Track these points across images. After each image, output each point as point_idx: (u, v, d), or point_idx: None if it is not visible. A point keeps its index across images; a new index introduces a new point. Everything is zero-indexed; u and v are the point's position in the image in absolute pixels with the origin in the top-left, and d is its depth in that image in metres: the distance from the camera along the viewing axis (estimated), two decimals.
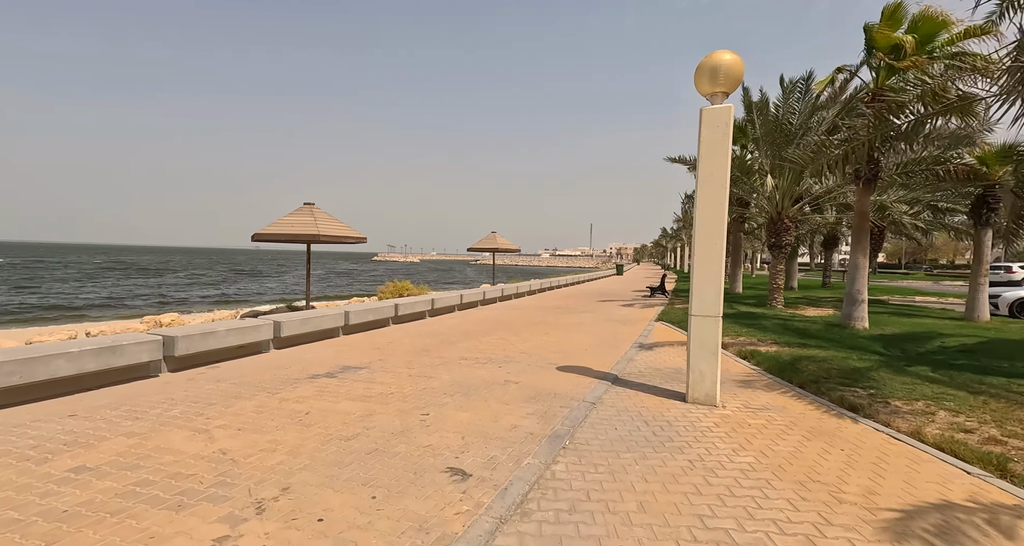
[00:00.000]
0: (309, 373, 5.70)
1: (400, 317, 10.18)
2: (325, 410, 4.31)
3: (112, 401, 4.45)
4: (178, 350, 5.59)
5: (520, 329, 9.43)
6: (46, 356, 4.39)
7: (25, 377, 4.25)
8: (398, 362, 6.38)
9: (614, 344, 7.94)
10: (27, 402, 4.34)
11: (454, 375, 5.68)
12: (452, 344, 7.71)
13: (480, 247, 24.62)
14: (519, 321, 10.61)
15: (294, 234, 11.35)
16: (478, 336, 8.55)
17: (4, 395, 4.22)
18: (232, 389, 4.93)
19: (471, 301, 13.45)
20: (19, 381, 4.21)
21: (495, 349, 7.34)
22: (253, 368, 5.90)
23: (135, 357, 5.14)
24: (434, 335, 8.59)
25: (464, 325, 9.93)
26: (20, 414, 4.04)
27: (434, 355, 6.86)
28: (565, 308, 13.66)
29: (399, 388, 5.10)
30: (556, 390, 5.10)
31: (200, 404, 4.40)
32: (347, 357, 6.64)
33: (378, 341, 7.95)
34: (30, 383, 4.31)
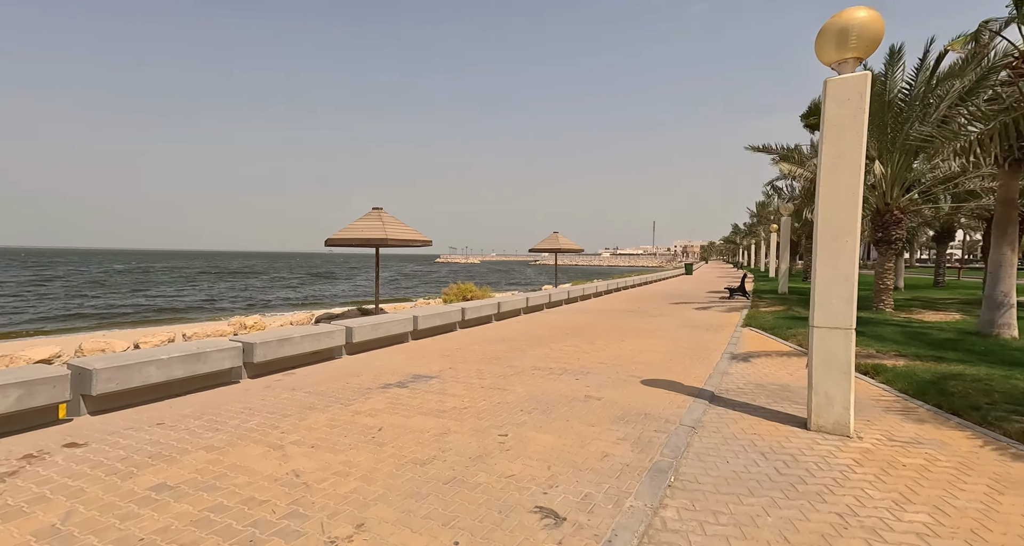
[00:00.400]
0: (380, 382, 5.54)
1: (467, 321, 9.98)
2: (398, 426, 4.06)
3: (196, 409, 4.49)
4: (256, 357, 5.66)
5: (593, 335, 8.86)
6: (139, 363, 4.52)
7: (121, 383, 4.38)
8: (469, 371, 6.09)
9: (701, 354, 7.16)
10: (123, 408, 4.49)
11: (529, 388, 5.27)
12: (522, 352, 7.33)
13: (542, 248, 24.20)
14: (590, 326, 10.04)
15: (364, 238, 11.56)
16: (549, 343, 8.10)
17: (104, 400, 4.38)
18: (306, 399, 4.85)
19: (537, 304, 13.04)
20: (116, 387, 4.35)
21: (569, 358, 6.85)
22: (326, 375, 5.86)
23: (218, 364, 5.23)
24: (503, 341, 8.25)
25: (532, 330, 9.53)
26: (116, 421, 4.15)
27: (505, 364, 6.51)
28: (637, 311, 12.86)
29: (472, 402, 4.77)
30: (646, 409, 4.52)
31: (276, 415, 4.32)
32: (417, 364, 6.46)
33: (447, 347, 7.74)
34: (125, 390, 4.44)
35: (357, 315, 15.01)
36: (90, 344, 10.13)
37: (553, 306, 14.18)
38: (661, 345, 7.85)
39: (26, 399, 3.78)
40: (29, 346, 10.57)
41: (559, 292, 14.58)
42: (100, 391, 4.24)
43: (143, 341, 10.98)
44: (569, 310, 13.37)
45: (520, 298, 12.12)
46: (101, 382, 4.24)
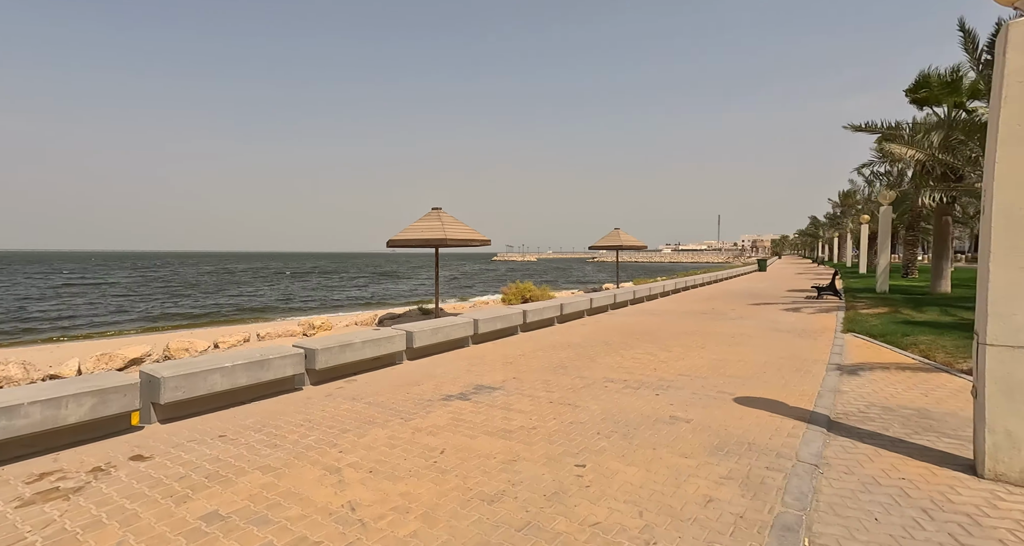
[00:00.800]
0: (442, 393, 5.21)
1: (528, 324, 9.53)
2: (462, 449, 3.66)
3: (257, 420, 4.37)
4: (318, 364, 5.53)
5: (667, 341, 8.08)
6: (204, 371, 4.48)
7: (187, 392, 4.35)
8: (534, 382, 5.61)
9: (800, 365, 6.21)
10: (189, 416, 4.46)
11: (603, 404, 4.70)
12: (591, 360, 6.75)
13: (603, 245, 23.31)
14: (663, 330, 9.22)
15: (424, 239, 11.45)
16: (619, 349, 7.44)
17: (172, 409, 4.37)
18: (366, 411, 4.60)
19: (601, 305, 12.34)
20: (183, 396, 4.31)
21: (644, 368, 6.18)
22: (387, 384, 5.62)
23: (280, 371, 5.14)
24: (568, 347, 7.71)
25: (599, 334, 8.90)
26: (181, 431, 4.10)
27: (573, 374, 5.97)
28: (713, 313, 11.78)
29: (541, 420, 4.28)
30: (747, 436, 3.81)
31: (335, 430, 4.08)
32: (479, 373, 6.08)
33: (509, 353, 7.32)
34: (192, 398, 4.41)
35: (418, 315, 15.07)
36: (176, 343, 10.77)
37: (618, 307, 13.40)
38: (749, 354, 6.94)
39: (100, 408, 3.79)
40: (126, 345, 11.46)
41: (624, 292, 13.76)
42: (168, 400, 4.21)
43: (222, 341, 11.54)
44: (636, 311, 12.54)
45: (583, 299, 11.49)
46: (168, 390, 4.21)
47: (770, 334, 8.59)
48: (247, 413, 4.57)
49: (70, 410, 3.61)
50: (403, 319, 14.48)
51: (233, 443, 3.81)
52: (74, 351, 12.64)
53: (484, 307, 17.64)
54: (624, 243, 22.92)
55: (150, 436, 3.97)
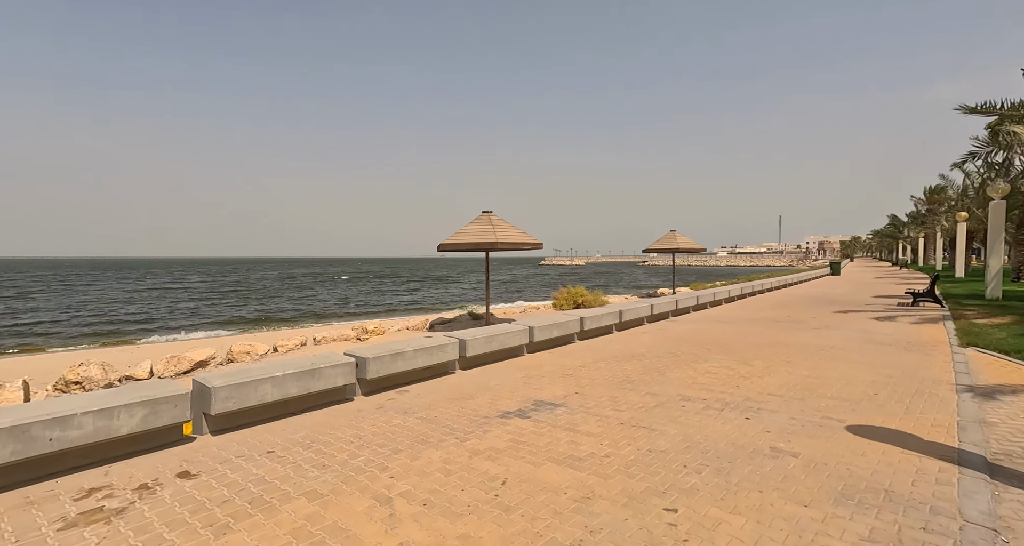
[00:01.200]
0: (498, 409, 4.77)
1: (585, 332, 8.94)
2: (525, 479, 3.19)
3: (306, 435, 4.12)
4: (370, 373, 5.27)
5: (745, 353, 7.22)
6: (255, 381, 4.30)
7: (238, 402, 4.18)
8: (600, 398, 5.05)
9: (919, 386, 5.24)
10: (240, 427, 4.29)
11: (683, 428, 4.07)
12: (660, 373, 6.08)
13: (658, 248, 22.24)
14: (737, 341, 8.33)
15: (475, 243, 11.18)
16: (690, 362, 6.71)
17: (223, 420, 4.21)
18: (419, 428, 4.24)
19: (662, 311, 11.51)
20: (233, 406, 4.14)
21: (724, 384, 5.45)
22: (440, 396, 5.27)
23: (331, 381, 4.91)
24: (632, 358, 7.06)
25: (665, 344, 8.16)
26: (230, 445, 3.91)
27: (642, 389, 5.35)
28: (789, 321, 10.63)
29: (614, 446, 3.73)
30: (880, 480, 3.07)
31: (386, 450, 3.74)
32: (537, 386, 5.60)
33: (568, 364, 6.79)
34: (243, 409, 4.24)
35: (468, 320, 14.84)
36: (238, 347, 11.09)
37: (680, 313, 12.48)
38: (850, 371, 5.99)
39: (151, 419, 3.66)
40: (193, 348, 11.98)
41: (686, 297, 12.80)
42: (218, 410, 4.05)
43: (281, 344, 11.80)
44: (701, 318, 11.59)
45: (643, 304, 10.73)
46: (219, 401, 4.05)
47: (868, 347, 7.49)
48: (297, 426, 4.35)
49: (122, 421, 3.49)
50: (454, 324, 14.30)
51: (280, 461, 3.55)
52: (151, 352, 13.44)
53: (535, 313, 17.16)
54: (681, 246, 21.74)
55: (200, 450, 3.80)
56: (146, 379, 9.52)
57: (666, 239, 22.08)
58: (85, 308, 28.61)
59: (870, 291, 18.96)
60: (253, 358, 11.03)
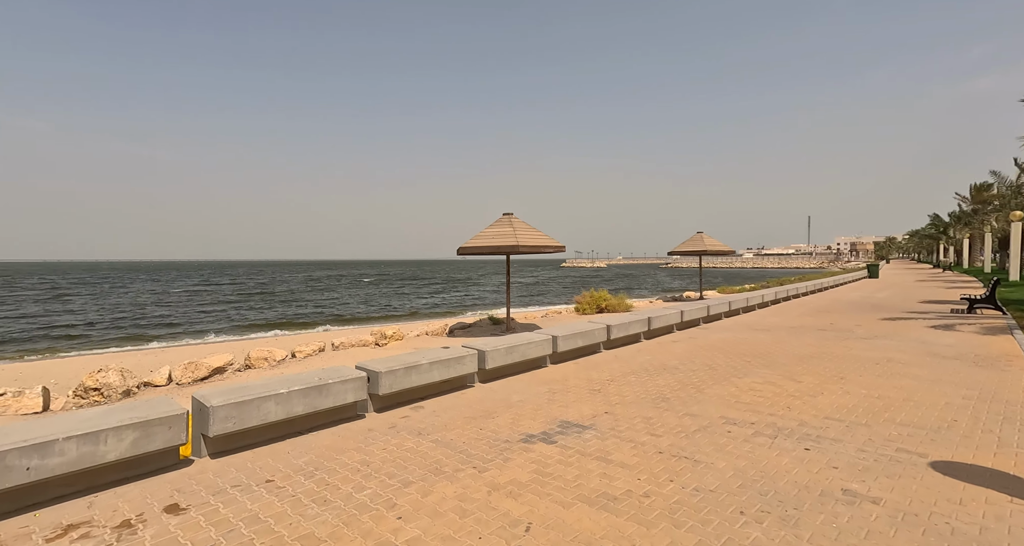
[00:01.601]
0: (520, 431, 4.33)
1: (612, 341, 8.42)
2: (552, 524, 2.74)
3: (311, 459, 3.76)
4: (382, 388, 4.90)
5: (790, 367, 6.59)
6: (257, 399, 3.97)
7: (239, 423, 3.85)
8: (633, 419, 4.56)
9: (1006, 411, 4.56)
10: (241, 449, 3.96)
11: (734, 460, 3.56)
12: (697, 390, 5.54)
13: (684, 250, 21.48)
14: (779, 352, 7.68)
15: (495, 246, 10.80)
16: (729, 376, 6.13)
17: (223, 441, 3.89)
18: (433, 453, 3.84)
19: (693, 318, 10.88)
20: (233, 427, 3.82)
21: (772, 405, 4.88)
22: (457, 414, 4.86)
23: (340, 398, 4.55)
24: (664, 371, 6.52)
25: (699, 354, 7.58)
26: (227, 470, 3.58)
27: (679, 409, 4.83)
28: (835, 330, 9.87)
29: (653, 481, 3.25)
30: (993, 541, 2.50)
31: (395, 481, 3.34)
32: (563, 403, 5.14)
33: (595, 378, 6.30)
34: (243, 430, 3.91)
35: (488, 325, 14.45)
36: (256, 352, 10.96)
37: (711, 320, 11.80)
38: (917, 390, 5.33)
39: (142, 442, 3.35)
40: (212, 352, 11.92)
41: (718, 303, 12.11)
42: (217, 432, 3.73)
43: (299, 350, 11.63)
44: (735, 326, 10.90)
45: (672, 311, 10.14)
46: (218, 421, 3.73)
47: (930, 361, 6.75)
48: (302, 448, 4.00)
49: (109, 446, 3.19)
50: (473, 329, 13.93)
51: (279, 494, 3.19)
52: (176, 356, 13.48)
53: (558, 317, 16.66)
54: (708, 248, 20.96)
55: (195, 476, 3.48)
56: (163, 385, 9.44)
57: (693, 241, 21.29)
58: (117, 310, 29.43)
59: (915, 295, 17.79)
60: (271, 364, 10.89)
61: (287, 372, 9.76)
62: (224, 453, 3.89)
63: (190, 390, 8.94)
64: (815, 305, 15.24)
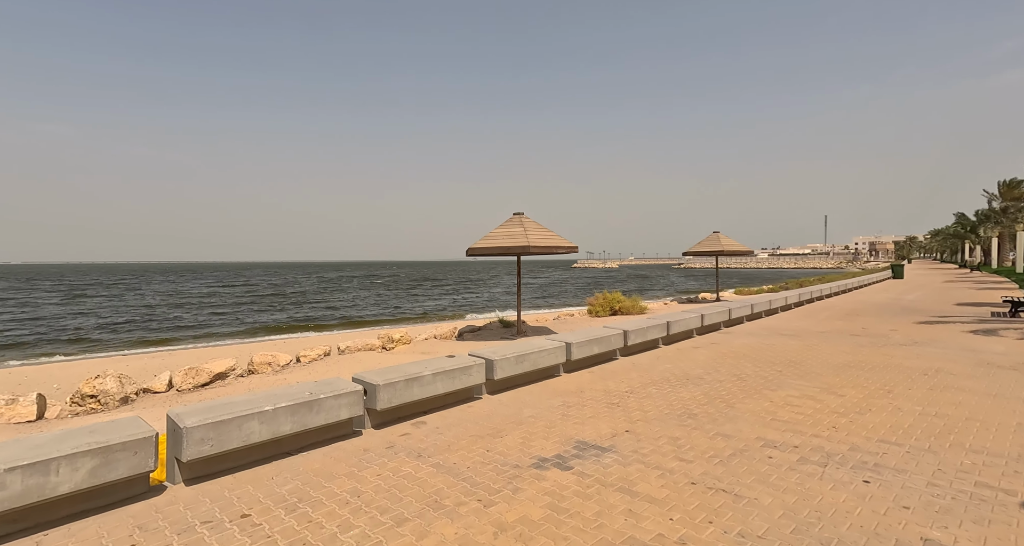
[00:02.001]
0: (532, 453, 3.87)
1: (629, 347, 7.90)
2: None
3: (296, 487, 3.34)
4: (380, 403, 4.47)
5: (827, 377, 6.02)
6: (239, 417, 3.56)
7: (217, 445, 3.44)
8: (658, 439, 4.06)
9: None
10: (219, 474, 3.55)
11: (780, 494, 3.04)
12: (727, 404, 5.01)
13: (700, 250, 20.86)
14: (812, 360, 7.09)
15: (505, 246, 10.37)
16: (761, 388, 5.59)
17: (199, 466, 3.48)
18: (433, 480, 3.39)
19: (714, 322, 10.30)
20: (211, 450, 3.41)
21: (814, 423, 4.33)
22: (462, 431, 4.41)
23: (334, 414, 4.13)
24: (688, 382, 6.00)
25: (722, 362, 7.02)
26: (200, 502, 3.16)
27: (709, 428, 4.32)
28: (868, 335, 9.21)
29: (688, 521, 2.76)
30: None
31: (388, 519, 2.90)
32: (578, 419, 4.65)
33: (612, 388, 5.81)
34: (222, 453, 3.50)
35: (498, 328, 14.00)
36: (259, 357, 10.65)
37: (733, 324, 11.20)
38: (978, 407, 4.73)
39: (102, 471, 2.95)
40: (216, 356, 11.66)
41: (740, 306, 11.50)
42: (191, 457, 3.32)
43: (304, 354, 11.30)
44: (758, 330, 10.29)
45: (692, 315, 9.57)
46: (192, 444, 3.32)
47: (984, 372, 6.12)
48: (288, 472, 3.58)
49: (62, 477, 2.80)
50: (483, 332, 13.50)
51: (253, 533, 2.76)
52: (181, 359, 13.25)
53: (570, 320, 16.15)
54: (725, 248, 20.31)
55: (163, 509, 3.07)
56: (163, 392, 9.16)
57: (709, 241, 20.64)
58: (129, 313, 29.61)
59: (947, 297, 16.90)
60: (274, 369, 10.57)
61: (291, 378, 9.43)
62: (201, 478, 3.49)
63: (190, 397, 8.63)
64: (842, 308, 14.50)
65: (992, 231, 38.35)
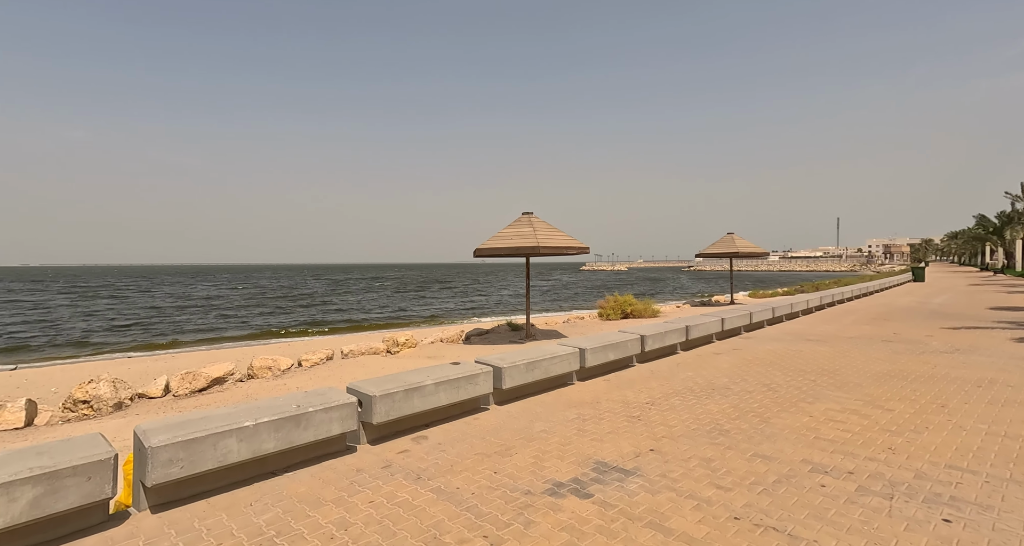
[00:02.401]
0: (545, 475, 3.41)
1: (646, 353, 7.40)
2: None
3: (275, 516, 2.91)
4: (376, 416, 4.03)
5: (867, 388, 5.48)
6: (213, 435, 3.14)
7: (188, 467, 3.02)
8: (688, 461, 3.58)
9: None
10: (191, 499, 3.13)
11: (846, 537, 2.55)
12: (761, 418, 4.51)
13: (714, 252, 20.29)
14: (846, 368, 6.54)
15: (513, 247, 9.93)
16: (795, 401, 5.07)
17: (170, 490, 3.06)
18: (433, 509, 2.94)
19: (734, 326, 9.75)
20: (180, 473, 2.99)
21: (864, 442, 3.82)
22: (467, 448, 3.96)
23: (324, 429, 3.70)
24: (714, 392, 5.49)
25: (748, 370, 6.50)
26: (165, 536, 2.74)
27: (745, 447, 3.82)
28: (903, 341, 8.62)
29: None
30: None
31: None
32: (596, 435, 4.18)
33: (631, 398, 5.32)
34: (195, 475, 3.08)
35: (507, 331, 13.55)
36: (259, 361, 10.29)
37: (753, 328, 10.64)
38: None
39: (47, 501, 2.54)
40: (218, 360, 11.33)
41: (761, 309, 10.93)
42: (157, 481, 2.91)
43: (305, 358, 10.94)
44: (781, 335, 9.73)
45: (712, 319, 9.05)
46: (159, 466, 2.90)
47: None
48: (270, 497, 3.15)
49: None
50: (491, 335, 13.05)
51: None
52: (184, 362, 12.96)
53: (580, 323, 15.64)
54: (740, 250, 19.72)
55: (118, 544, 2.66)
56: (159, 397, 8.81)
57: (723, 242, 20.05)
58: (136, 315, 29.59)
59: (976, 301, 16.14)
60: (275, 374, 10.20)
61: (291, 383, 9.05)
62: (170, 505, 3.07)
63: (187, 402, 8.27)
64: (867, 311, 13.83)
65: (1017, 233, 37.18)
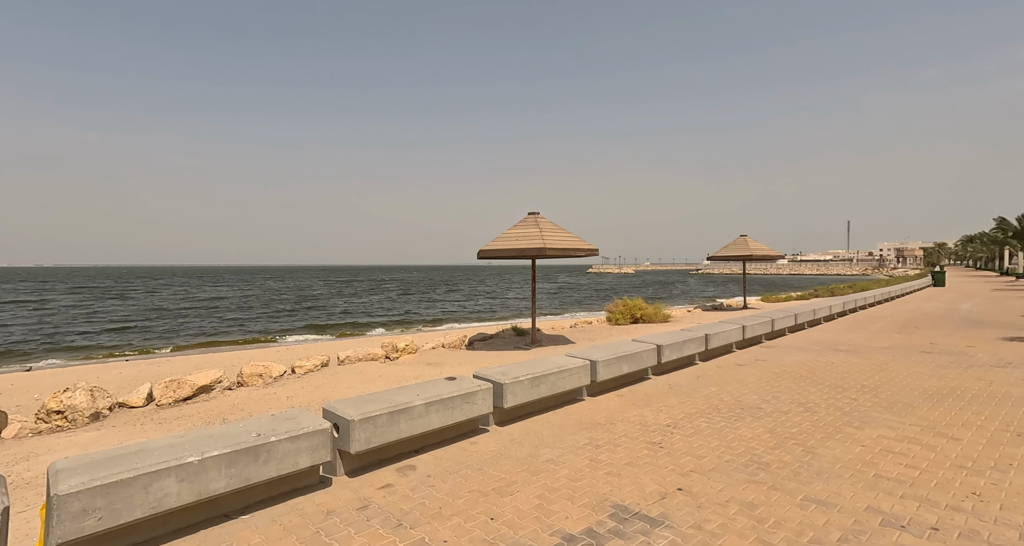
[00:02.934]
0: (553, 524, 2.78)
1: (662, 364, 6.76)
2: None
3: None
4: (355, 444, 3.43)
5: (920, 409, 4.79)
6: (146, 475, 2.55)
7: (108, 518, 2.44)
8: (727, 505, 2.95)
9: None
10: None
11: None
12: (804, 448, 3.85)
13: (727, 254, 19.57)
14: (889, 383, 5.85)
15: (519, 249, 9.33)
16: (841, 425, 4.40)
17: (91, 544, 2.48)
18: None
19: (755, 334, 9.07)
20: (98, 526, 2.41)
21: (938, 484, 3.16)
22: (461, 483, 3.34)
23: (288, 462, 3.10)
24: (744, 412, 4.83)
25: (778, 385, 5.83)
26: None
27: (793, 488, 3.18)
28: (946, 353, 7.89)
29: None
30: None
31: None
32: (611, 467, 3.55)
33: (649, 419, 4.68)
34: (121, 526, 2.49)
35: (512, 336, 12.94)
36: (250, 367, 9.74)
37: (775, 336, 9.94)
38: None
39: None
40: (208, 365, 10.81)
41: (784, 315, 10.22)
42: (65, 538, 2.32)
43: (299, 365, 10.37)
44: (806, 344, 9.02)
45: (733, 327, 8.37)
46: (67, 520, 2.32)
47: None
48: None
49: None
50: (495, 340, 12.44)
51: None
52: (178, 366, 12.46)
53: (588, 328, 14.99)
54: (754, 253, 19.00)
55: None
56: (141, 406, 8.27)
57: (736, 245, 19.33)
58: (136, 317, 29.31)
59: (1006, 307, 15.28)
60: (266, 381, 9.63)
61: (280, 392, 8.48)
62: None
63: (170, 412, 7.72)
64: (892, 318, 13.05)
65: None
